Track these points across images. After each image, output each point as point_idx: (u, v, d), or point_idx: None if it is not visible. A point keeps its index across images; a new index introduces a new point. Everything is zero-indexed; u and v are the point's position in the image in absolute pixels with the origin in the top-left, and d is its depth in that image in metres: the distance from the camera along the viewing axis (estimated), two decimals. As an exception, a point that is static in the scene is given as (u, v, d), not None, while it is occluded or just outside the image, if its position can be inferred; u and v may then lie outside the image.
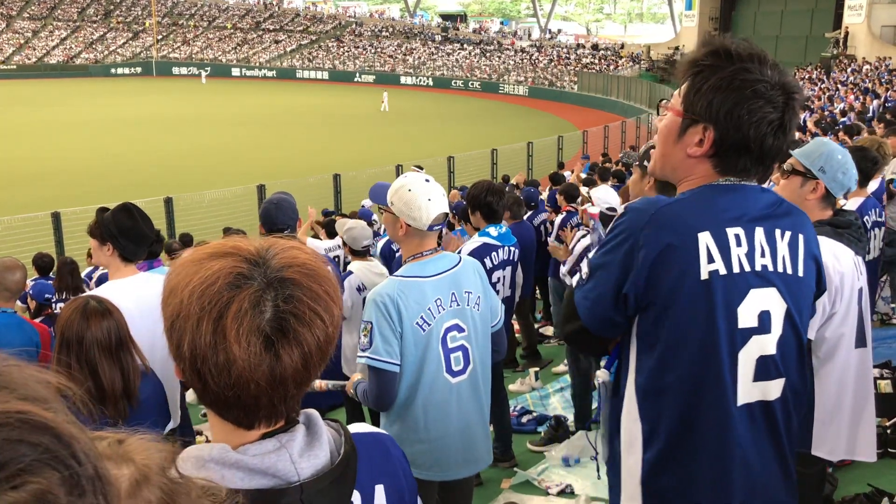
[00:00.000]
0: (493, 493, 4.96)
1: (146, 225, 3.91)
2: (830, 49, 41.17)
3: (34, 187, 23.10)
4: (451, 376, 3.08)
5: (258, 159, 28.68)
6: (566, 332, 2.03)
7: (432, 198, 3.03)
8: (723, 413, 1.82)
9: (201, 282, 1.08)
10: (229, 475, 1.10)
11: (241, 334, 1.06)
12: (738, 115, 1.76)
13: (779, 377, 1.87)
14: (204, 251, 1.14)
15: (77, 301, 2.94)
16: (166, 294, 1.13)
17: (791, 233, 1.88)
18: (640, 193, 3.74)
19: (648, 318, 1.82)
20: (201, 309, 1.07)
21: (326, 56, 75.08)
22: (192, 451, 1.14)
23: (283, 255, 1.13)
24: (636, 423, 1.88)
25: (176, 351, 1.11)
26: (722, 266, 1.78)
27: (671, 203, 1.81)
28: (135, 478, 0.92)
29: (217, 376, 1.08)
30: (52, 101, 51.62)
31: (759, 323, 1.83)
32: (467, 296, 3.14)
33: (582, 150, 26.30)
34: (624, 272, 1.80)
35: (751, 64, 1.77)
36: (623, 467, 1.93)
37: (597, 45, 67.83)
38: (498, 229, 5.00)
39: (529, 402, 6.94)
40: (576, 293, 1.93)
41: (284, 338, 1.09)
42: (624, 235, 1.82)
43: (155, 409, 3.13)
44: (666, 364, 1.81)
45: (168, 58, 78.58)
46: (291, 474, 1.12)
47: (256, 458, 1.11)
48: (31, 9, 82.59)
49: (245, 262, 1.10)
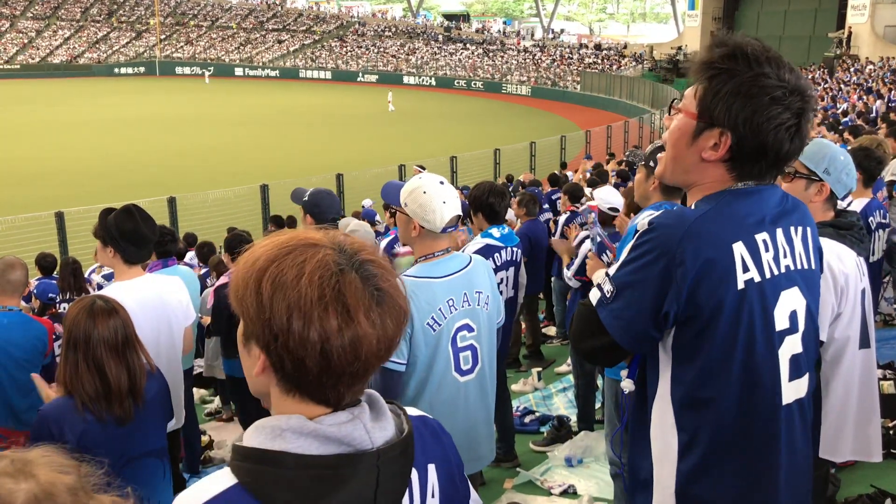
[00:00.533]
0: (495, 494, 4.97)
1: (148, 227, 3.91)
2: (834, 49, 41.13)
3: (37, 187, 23.14)
4: (460, 375, 3.09)
5: (261, 159, 28.71)
6: (586, 347, 1.98)
7: (447, 200, 3.03)
8: (768, 417, 1.84)
9: (313, 271, 1.16)
10: (306, 443, 1.16)
11: (364, 310, 1.17)
12: (758, 123, 1.74)
13: (806, 373, 1.90)
14: (284, 245, 1.21)
15: (84, 300, 2.96)
16: (270, 291, 1.17)
17: (802, 227, 1.90)
18: (645, 194, 3.73)
19: (689, 331, 1.80)
20: (322, 295, 1.15)
21: (329, 56, 75.10)
22: (269, 422, 1.20)
23: (349, 241, 1.23)
24: (672, 433, 1.86)
25: (299, 341, 1.16)
26: (756, 273, 1.78)
27: (701, 216, 1.78)
28: (33, 493, 0.92)
29: (344, 354, 1.17)
30: (55, 100, 51.69)
31: (790, 323, 1.84)
32: (478, 296, 3.15)
33: (585, 150, 26.31)
34: (661, 290, 1.77)
35: (768, 69, 1.75)
36: (655, 478, 1.92)
37: (599, 44, 67.76)
38: (500, 230, 5.00)
39: (532, 403, 6.95)
40: (600, 311, 1.88)
41: (386, 309, 1.21)
42: (657, 252, 1.77)
43: (160, 407, 3.15)
44: (708, 375, 1.80)
45: (171, 58, 78.67)
46: (366, 442, 1.19)
47: (333, 427, 1.18)
48: (34, 8, 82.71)
49: (331, 250, 1.20)
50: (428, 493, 1.35)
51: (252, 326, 1.21)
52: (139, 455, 3.02)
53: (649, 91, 43.15)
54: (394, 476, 1.23)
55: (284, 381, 1.21)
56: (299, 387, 1.21)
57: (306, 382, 1.20)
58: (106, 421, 2.88)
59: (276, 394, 1.24)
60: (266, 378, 1.23)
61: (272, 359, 1.19)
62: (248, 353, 1.26)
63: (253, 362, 1.24)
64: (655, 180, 3.66)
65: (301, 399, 1.22)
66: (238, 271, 1.24)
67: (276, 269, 1.18)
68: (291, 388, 1.22)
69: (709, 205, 1.81)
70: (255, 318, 1.19)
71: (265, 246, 1.23)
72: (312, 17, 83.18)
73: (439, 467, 1.39)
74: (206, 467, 6.24)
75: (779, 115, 1.75)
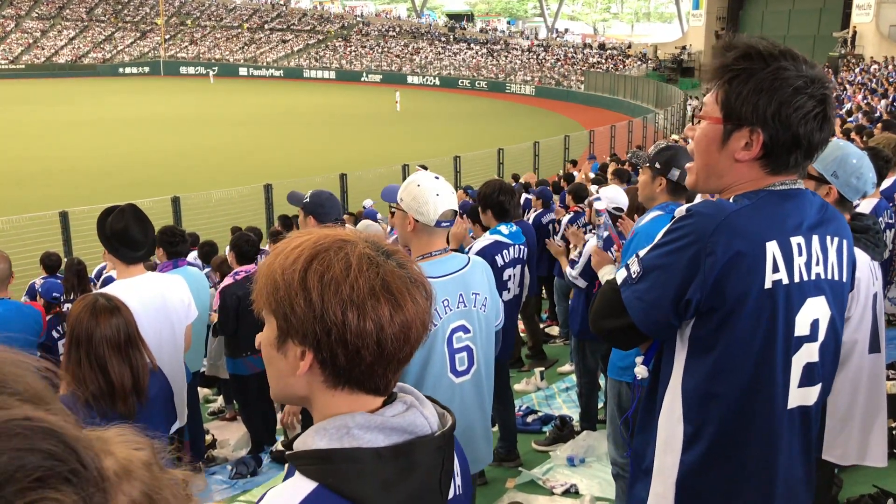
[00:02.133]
0: (497, 493, 4.97)
1: (139, 229, 3.88)
2: (838, 49, 41.04)
3: (42, 186, 23.19)
4: (455, 376, 3.08)
5: (264, 159, 28.73)
6: (604, 327, 1.98)
7: (441, 193, 3.02)
8: (772, 419, 1.85)
9: (360, 263, 1.21)
10: (374, 437, 1.20)
11: (409, 296, 1.23)
12: (787, 115, 1.76)
13: (819, 383, 1.90)
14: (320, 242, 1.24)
15: (86, 298, 2.97)
16: (319, 288, 1.19)
17: (838, 238, 1.91)
18: (651, 195, 3.73)
19: (708, 323, 1.80)
20: (371, 288, 1.20)
21: (333, 56, 75.14)
22: (331, 423, 1.22)
23: (368, 235, 1.28)
24: (678, 423, 1.88)
25: (356, 332, 1.19)
26: (785, 276, 1.78)
27: (739, 209, 1.79)
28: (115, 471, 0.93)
29: (396, 340, 1.22)
30: (60, 100, 51.80)
31: (810, 331, 1.84)
32: (474, 297, 3.14)
33: (589, 150, 26.28)
34: (687, 277, 1.77)
35: (785, 62, 1.77)
36: (656, 467, 1.94)
37: (604, 44, 67.70)
38: (509, 227, 5.01)
39: (535, 402, 6.94)
40: (623, 291, 1.89)
41: (420, 290, 1.27)
42: (689, 239, 1.78)
43: (163, 406, 3.15)
44: (722, 369, 1.81)
45: (176, 57, 78.77)
46: (426, 427, 1.25)
47: (397, 418, 1.23)
48: (39, 8, 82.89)
49: (363, 243, 1.25)
50: (455, 472, 1.40)
51: (298, 325, 1.21)
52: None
53: (653, 91, 43.13)
54: (451, 456, 1.30)
55: (333, 375, 1.23)
56: (349, 379, 1.24)
57: (358, 373, 1.23)
58: (111, 418, 2.88)
59: (322, 390, 1.26)
60: (308, 377, 1.24)
61: (322, 355, 1.21)
62: (283, 355, 1.25)
63: (291, 363, 1.24)
64: (661, 182, 3.65)
65: (350, 391, 1.25)
66: (272, 272, 1.24)
67: (321, 265, 1.20)
68: (340, 381, 1.24)
69: (749, 200, 1.81)
70: (304, 316, 1.20)
71: (297, 246, 1.24)
72: (317, 16, 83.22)
73: (458, 454, 1.44)
74: (209, 466, 6.25)
75: (805, 104, 1.76)
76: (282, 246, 1.27)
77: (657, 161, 3.66)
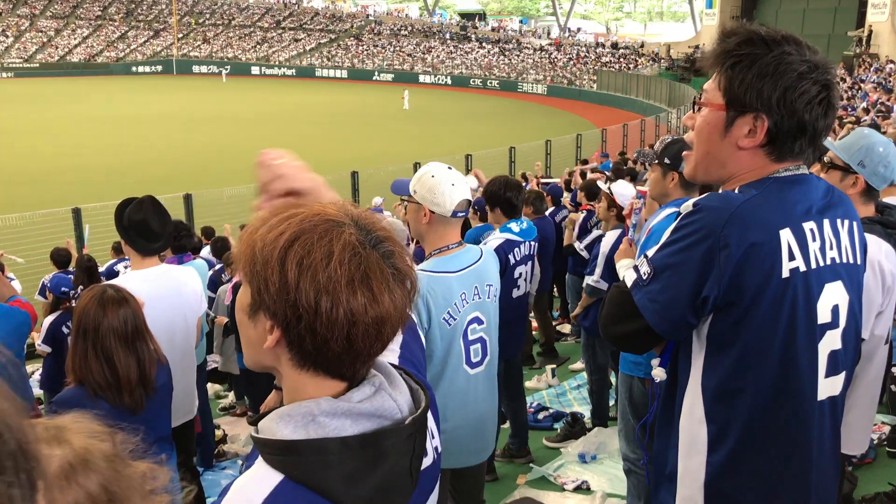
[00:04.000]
0: (508, 489, 4.95)
1: (158, 220, 3.87)
2: (853, 48, 40.75)
3: (55, 183, 23.30)
4: (470, 367, 3.08)
5: (277, 157, 28.76)
6: (617, 332, 1.92)
7: (456, 183, 3.00)
8: (803, 411, 1.80)
9: (342, 252, 1.16)
10: (341, 424, 1.16)
11: (387, 290, 1.18)
12: (791, 100, 1.72)
13: (843, 371, 1.86)
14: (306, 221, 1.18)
15: (94, 290, 2.96)
16: (297, 272, 1.15)
17: (849, 221, 1.87)
18: (664, 191, 3.65)
19: (727, 319, 1.75)
20: (349, 276, 1.15)
21: (345, 55, 75.25)
22: (296, 409, 1.18)
23: (363, 216, 1.23)
24: (701, 424, 1.82)
25: (326, 322, 1.15)
26: (802, 263, 1.74)
27: (748, 200, 1.74)
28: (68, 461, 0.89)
29: (368, 335, 1.17)
30: (73, 98, 52.08)
31: (832, 318, 1.80)
32: (488, 288, 3.14)
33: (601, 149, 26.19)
34: (703, 273, 1.72)
35: (787, 47, 1.74)
36: (680, 470, 1.88)
37: (616, 43, 67.51)
38: (519, 224, 4.97)
39: (546, 399, 6.92)
40: (634, 293, 1.83)
41: (402, 287, 1.21)
42: (701, 234, 1.72)
43: (167, 396, 3.14)
44: (744, 365, 1.76)
45: (188, 56, 79.09)
46: (395, 411, 1.21)
47: (364, 404, 1.19)
48: (53, 7, 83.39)
49: (354, 228, 1.19)
50: (430, 434, 1.36)
51: (269, 302, 1.17)
52: (152, 442, 3.02)
53: (666, 90, 42.96)
54: (423, 440, 1.26)
55: (299, 357, 1.20)
56: (315, 364, 1.20)
57: (323, 361, 1.19)
58: (118, 410, 2.87)
59: (288, 366, 1.23)
60: (276, 351, 1.21)
61: (290, 337, 1.18)
62: (253, 324, 1.23)
63: (259, 334, 1.22)
64: (674, 177, 3.59)
65: (316, 373, 1.22)
66: (252, 242, 1.20)
67: (302, 248, 1.16)
68: (306, 364, 1.21)
69: (755, 190, 1.77)
70: (277, 297, 1.16)
71: (283, 220, 1.19)
72: (329, 15, 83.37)
73: (433, 411, 1.40)
74: (220, 461, 6.26)
75: (810, 90, 1.73)
76: (267, 216, 1.22)
77: (666, 156, 3.60)
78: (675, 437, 1.89)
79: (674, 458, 1.89)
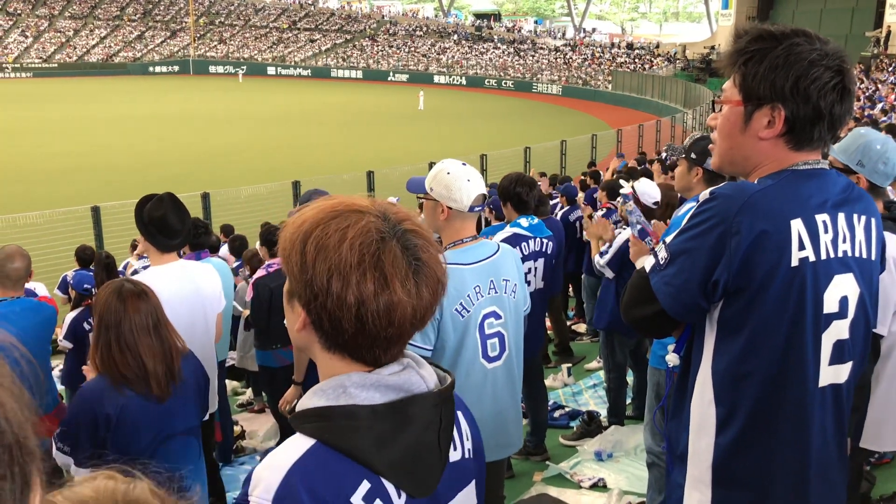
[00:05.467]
0: (525, 486, 4.98)
1: (177, 217, 3.90)
2: (871, 48, 40.44)
3: (74, 182, 23.50)
4: (487, 362, 3.10)
5: (292, 156, 28.90)
6: (636, 316, 1.99)
7: (471, 179, 3.04)
8: (804, 397, 1.85)
9: (356, 236, 1.22)
10: (370, 395, 1.24)
11: (400, 279, 1.23)
12: (804, 87, 1.77)
13: (849, 360, 1.90)
14: (331, 209, 1.26)
15: (112, 284, 2.98)
16: (314, 253, 1.23)
17: (866, 217, 1.91)
18: (689, 185, 3.72)
19: (736, 303, 1.81)
20: (361, 260, 1.21)
21: (361, 55, 75.41)
22: (328, 383, 1.27)
23: (394, 210, 1.29)
24: (710, 406, 1.88)
25: (337, 302, 1.22)
26: (812, 253, 1.79)
27: (762, 189, 1.80)
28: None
29: (378, 319, 1.23)
30: (91, 98, 52.48)
31: (839, 308, 1.84)
32: (504, 283, 3.15)
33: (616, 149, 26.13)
34: (714, 258, 1.78)
35: (797, 38, 1.79)
36: (690, 451, 1.94)
37: (631, 44, 67.30)
38: (529, 220, 4.99)
39: (562, 398, 6.94)
40: (651, 277, 1.90)
41: (423, 278, 1.26)
42: (714, 221, 1.79)
43: (195, 386, 3.16)
44: (752, 349, 1.82)
45: (205, 56, 79.50)
46: (422, 386, 1.29)
47: (393, 377, 1.27)
48: (72, 8, 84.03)
49: (376, 217, 1.25)
50: (464, 436, 1.44)
51: (295, 284, 1.27)
52: (179, 432, 3.07)
53: (682, 91, 42.77)
54: (450, 414, 1.33)
55: (324, 338, 1.29)
56: (337, 345, 1.28)
57: (343, 342, 1.27)
58: (146, 396, 2.92)
59: (319, 349, 1.32)
60: (307, 334, 1.31)
61: (311, 316, 1.27)
62: (291, 308, 1.34)
63: (296, 318, 1.32)
64: (698, 171, 3.65)
65: (342, 357, 1.30)
66: (286, 232, 1.30)
67: (321, 231, 1.24)
68: (331, 345, 1.29)
69: (772, 180, 1.83)
70: (298, 277, 1.26)
71: (314, 209, 1.28)
72: (344, 16, 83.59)
73: (465, 415, 1.49)
74: (238, 457, 6.32)
75: (822, 76, 1.78)
76: (308, 207, 1.31)
77: (693, 151, 3.66)
78: (687, 418, 1.95)
79: (685, 439, 1.96)
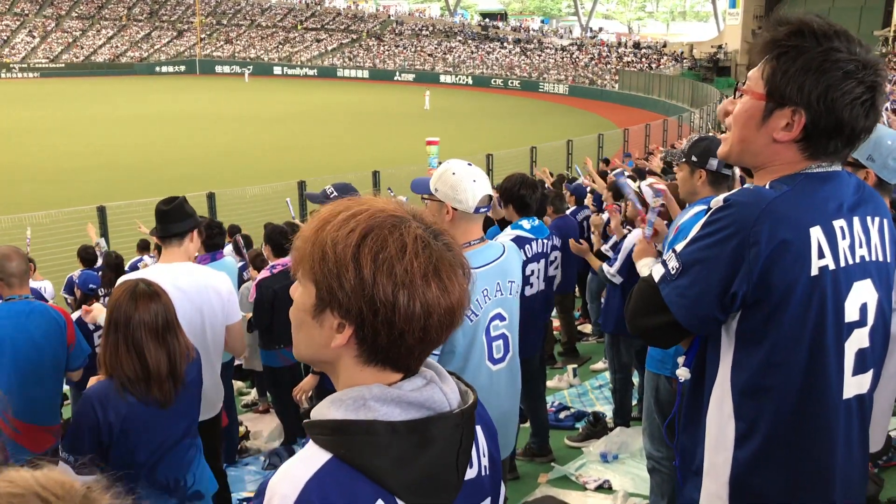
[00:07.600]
0: (530, 488, 4.95)
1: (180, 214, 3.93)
2: (880, 47, 40.28)
3: (80, 182, 23.56)
4: (493, 364, 3.08)
5: (298, 156, 28.92)
6: (644, 326, 1.92)
7: (476, 179, 3.00)
8: (829, 410, 1.79)
9: (413, 248, 1.19)
10: (390, 410, 1.19)
11: (455, 279, 1.23)
12: (832, 99, 1.69)
13: (871, 369, 1.85)
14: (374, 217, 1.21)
15: (127, 283, 2.99)
16: (373, 266, 1.17)
17: (879, 218, 1.85)
18: (693, 189, 3.63)
19: (756, 315, 1.74)
20: (424, 268, 1.19)
21: (367, 55, 75.46)
22: (348, 394, 1.21)
23: (417, 211, 1.27)
24: (729, 420, 1.81)
25: (404, 313, 1.18)
26: (831, 261, 1.72)
27: (780, 196, 1.72)
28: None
29: (441, 325, 1.22)
30: (98, 98, 52.65)
31: (860, 316, 1.78)
32: (510, 285, 3.13)
33: (623, 149, 26.07)
34: (732, 269, 1.70)
35: (838, 43, 1.70)
36: (706, 466, 1.87)
37: (638, 43, 67.17)
38: (531, 222, 4.95)
39: (567, 399, 6.91)
40: (662, 288, 1.82)
41: (466, 275, 1.26)
42: (731, 230, 1.71)
43: (197, 390, 3.17)
44: (773, 363, 1.75)
45: (211, 56, 79.69)
46: (444, 404, 1.24)
47: (415, 393, 1.22)
48: (79, 8, 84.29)
49: (413, 222, 1.23)
50: (481, 452, 1.37)
51: (344, 300, 1.18)
52: (181, 437, 3.07)
53: (689, 90, 42.67)
54: (470, 435, 1.28)
55: (369, 353, 1.22)
56: (385, 358, 1.23)
57: (394, 354, 1.22)
58: (148, 403, 2.91)
59: (351, 364, 1.24)
60: (342, 350, 1.23)
61: (364, 332, 1.20)
62: (318, 323, 1.24)
63: (326, 333, 1.23)
64: (702, 175, 3.57)
65: (381, 368, 1.24)
66: (322, 241, 1.21)
67: (375, 243, 1.18)
68: (374, 359, 1.23)
69: (787, 185, 1.74)
70: (352, 293, 1.17)
71: (352, 217, 1.21)
72: (350, 16, 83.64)
73: (484, 430, 1.41)
74: (243, 457, 6.31)
75: (853, 90, 1.69)
76: (329, 214, 1.24)
77: (693, 154, 3.58)
78: (703, 432, 1.88)
79: (700, 453, 1.89)
